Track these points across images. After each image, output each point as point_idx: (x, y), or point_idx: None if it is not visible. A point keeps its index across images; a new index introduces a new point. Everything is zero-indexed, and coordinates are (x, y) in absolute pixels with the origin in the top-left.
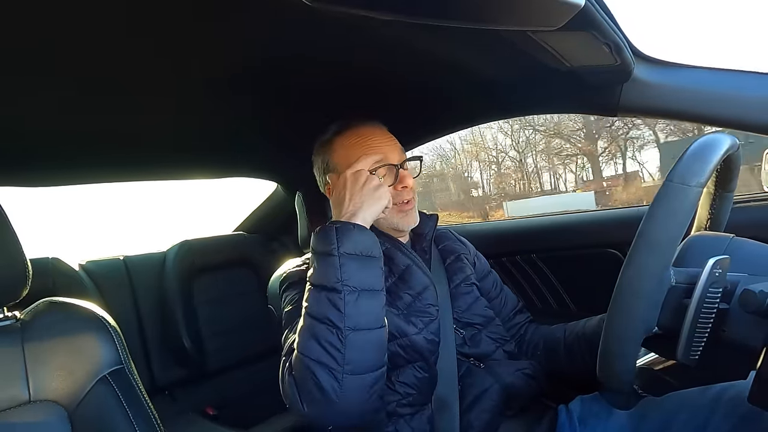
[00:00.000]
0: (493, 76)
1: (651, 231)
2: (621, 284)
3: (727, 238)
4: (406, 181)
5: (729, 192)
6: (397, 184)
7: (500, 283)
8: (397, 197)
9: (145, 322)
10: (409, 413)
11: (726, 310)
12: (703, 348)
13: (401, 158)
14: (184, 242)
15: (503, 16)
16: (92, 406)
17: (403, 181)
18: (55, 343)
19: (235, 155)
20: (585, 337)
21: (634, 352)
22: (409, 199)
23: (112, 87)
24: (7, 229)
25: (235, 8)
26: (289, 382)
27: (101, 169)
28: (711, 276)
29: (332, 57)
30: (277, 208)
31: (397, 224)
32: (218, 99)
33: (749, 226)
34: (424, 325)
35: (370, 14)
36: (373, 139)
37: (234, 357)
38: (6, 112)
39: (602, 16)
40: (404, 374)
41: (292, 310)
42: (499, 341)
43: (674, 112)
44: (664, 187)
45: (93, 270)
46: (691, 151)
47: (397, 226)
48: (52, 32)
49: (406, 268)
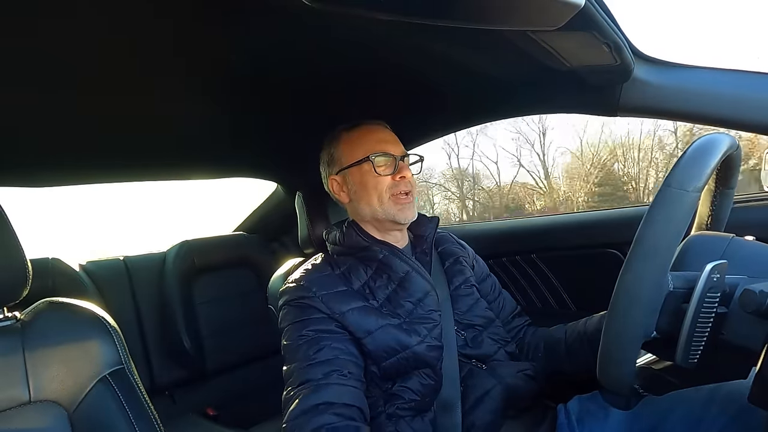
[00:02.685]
0: (493, 76)
1: (648, 236)
2: (619, 289)
3: (726, 239)
4: (404, 172)
5: (730, 189)
6: (396, 174)
7: (499, 286)
8: (395, 188)
9: (145, 322)
10: (410, 415)
11: (725, 313)
12: (702, 351)
13: (402, 152)
14: (184, 242)
15: (503, 16)
16: (92, 407)
17: (401, 171)
18: (55, 343)
19: (235, 155)
20: (586, 336)
21: (633, 356)
22: (407, 191)
23: (112, 87)
24: (7, 229)
25: (235, 9)
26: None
27: (101, 169)
28: (709, 281)
29: (332, 57)
30: (277, 208)
31: (395, 216)
32: (218, 99)
33: (749, 226)
34: (427, 332)
35: (370, 15)
36: (377, 134)
37: (234, 357)
38: (6, 113)
39: (602, 16)
40: (410, 381)
41: (290, 344)
42: (501, 342)
43: (674, 112)
44: (661, 192)
45: (93, 270)
46: (688, 154)
47: (394, 218)
48: (52, 32)
49: (405, 275)
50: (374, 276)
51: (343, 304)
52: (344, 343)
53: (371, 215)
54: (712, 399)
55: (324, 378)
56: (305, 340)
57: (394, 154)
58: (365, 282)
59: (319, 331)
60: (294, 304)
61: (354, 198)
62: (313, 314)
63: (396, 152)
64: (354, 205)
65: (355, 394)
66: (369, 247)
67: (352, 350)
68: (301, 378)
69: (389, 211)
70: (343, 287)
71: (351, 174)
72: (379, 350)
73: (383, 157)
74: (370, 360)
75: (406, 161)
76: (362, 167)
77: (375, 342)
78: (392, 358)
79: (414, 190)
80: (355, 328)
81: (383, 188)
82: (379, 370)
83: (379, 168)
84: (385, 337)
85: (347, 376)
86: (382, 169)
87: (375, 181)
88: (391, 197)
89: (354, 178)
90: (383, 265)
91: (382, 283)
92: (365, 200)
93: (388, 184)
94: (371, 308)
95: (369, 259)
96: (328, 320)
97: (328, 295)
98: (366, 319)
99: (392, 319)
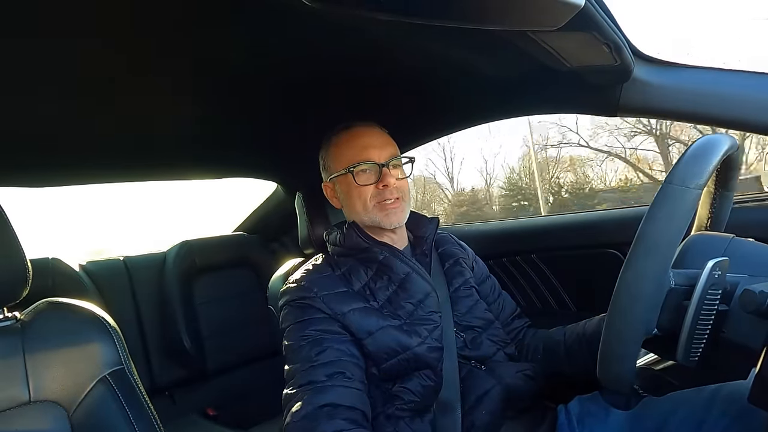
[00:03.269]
0: (493, 76)
1: (650, 233)
2: (620, 286)
3: (727, 239)
4: (387, 180)
5: (729, 191)
6: (379, 183)
7: (498, 287)
8: (379, 196)
9: (145, 322)
10: (410, 416)
11: (725, 311)
12: (703, 349)
13: (388, 157)
14: (184, 242)
15: (503, 16)
16: (92, 407)
17: (383, 179)
18: (55, 343)
19: (235, 155)
20: (585, 338)
21: (633, 354)
22: (392, 198)
23: (111, 88)
24: (7, 229)
25: (235, 9)
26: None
27: (101, 169)
28: (710, 278)
29: (332, 57)
30: (277, 209)
31: (380, 222)
32: (218, 99)
33: (749, 226)
34: (428, 333)
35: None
36: (363, 138)
37: (234, 357)
38: (6, 113)
39: (602, 16)
40: (410, 382)
41: (292, 345)
42: (500, 343)
43: (674, 112)
44: (663, 189)
45: (93, 270)
46: (690, 152)
47: (379, 223)
48: (52, 33)
49: (406, 276)
50: (375, 277)
51: (343, 304)
52: (346, 345)
53: (360, 222)
54: (713, 400)
55: (328, 380)
56: (307, 340)
57: (377, 161)
58: (366, 283)
59: (321, 332)
60: (295, 304)
61: (344, 204)
62: (314, 314)
63: (380, 158)
64: (345, 210)
65: (358, 396)
66: (369, 249)
67: (354, 352)
68: (305, 379)
69: (374, 218)
70: (344, 288)
71: (339, 182)
72: (379, 351)
73: (365, 165)
74: (371, 361)
75: (393, 166)
76: (346, 177)
77: (376, 343)
78: (393, 359)
79: (404, 194)
80: (355, 329)
81: (366, 197)
82: (379, 372)
83: (360, 178)
84: (386, 338)
85: (351, 378)
86: (364, 179)
87: (358, 191)
88: (376, 204)
89: (341, 186)
90: (384, 267)
91: (383, 285)
92: (350, 208)
93: (371, 193)
94: (372, 309)
95: (369, 260)
96: (330, 320)
97: (329, 296)
98: (367, 320)
99: (393, 321)
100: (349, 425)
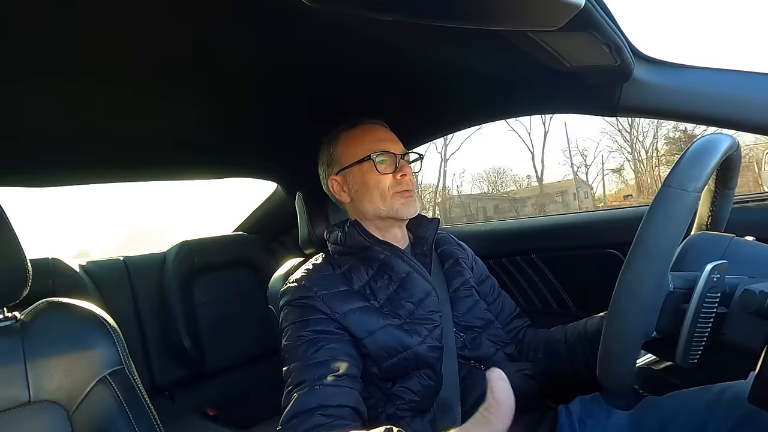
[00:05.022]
0: (493, 76)
1: (649, 236)
2: (619, 290)
3: (727, 239)
4: (405, 170)
5: (730, 189)
6: (397, 172)
7: (498, 287)
8: (397, 186)
9: (145, 322)
10: (410, 416)
11: (724, 313)
12: (702, 351)
13: (402, 150)
14: (184, 243)
15: (503, 16)
16: (92, 407)
17: (402, 169)
18: (55, 343)
19: (235, 155)
20: (587, 337)
21: (633, 356)
22: (408, 189)
23: (112, 87)
24: (7, 229)
25: (235, 9)
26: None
27: (101, 169)
28: (709, 281)
29: (332, 57)
30: (277, 208)
31: (398, 211)
32: (219, 99)
33: (749, 227)
34: (428, 332)
35: (370, 15)
36: (377, 132)
37: (234, 357)
38: (6, 113)
39: (602, 16)
40: (410, 382)
41: (289, 344)
42: (499, 344)
43: (674, 113)
44: (661, 193)
45: (93, 270)
46: (688, 155)
47: (397, 213)
48: (52, 32)
49: (407, 276)
50: (375, 276)
51: (344, 304)
52: (342, 344)
53: (374, 213)
54: (717, 402)
55: (318, 380)
56: (304, 340)
57: (394, 152)
58: (366, 282)
59: (318, 332)
60: (295, 304)
61: (355, 197)
62: (313, 314)
63: (396, 150)
64: (355, 204)
65: (349, 395)
66: (371, 248)
67: (349, 351)
68: (298, 379)
69: (393, 206)
70: (344, 287)
71: (351, 173)
72: (380, 350)
73: (384, 155)
74: (371, 360)
75: (407, 159)
76: (363, 166)
77: (376, 342)
78: (393, 358)
79: (415, 189)
80: (356, 328)
81: (385, 186)
82: (379, 371)
83: (380, 166)
84: (386, 337)
85: (342, 377)
86: (384, 168)
87: (377, 179)
88: (395, 194)
89: (355, 177)
90: (384, 266)
91: (383, 284)
92: (367, 198)
93: (390, 183)
94: (372, 308)
95: (370, 259)
96: (329, 321)
97: (329, 295)
98: (367, 319)
99: (393, 320)
100: (327, 419)
